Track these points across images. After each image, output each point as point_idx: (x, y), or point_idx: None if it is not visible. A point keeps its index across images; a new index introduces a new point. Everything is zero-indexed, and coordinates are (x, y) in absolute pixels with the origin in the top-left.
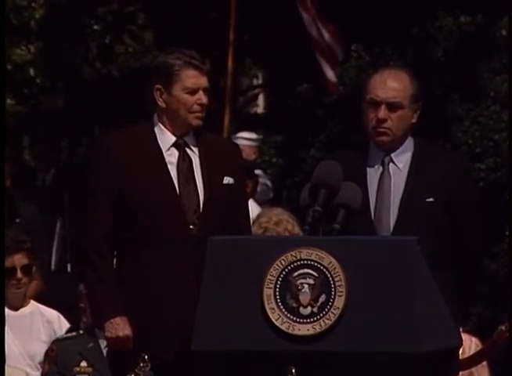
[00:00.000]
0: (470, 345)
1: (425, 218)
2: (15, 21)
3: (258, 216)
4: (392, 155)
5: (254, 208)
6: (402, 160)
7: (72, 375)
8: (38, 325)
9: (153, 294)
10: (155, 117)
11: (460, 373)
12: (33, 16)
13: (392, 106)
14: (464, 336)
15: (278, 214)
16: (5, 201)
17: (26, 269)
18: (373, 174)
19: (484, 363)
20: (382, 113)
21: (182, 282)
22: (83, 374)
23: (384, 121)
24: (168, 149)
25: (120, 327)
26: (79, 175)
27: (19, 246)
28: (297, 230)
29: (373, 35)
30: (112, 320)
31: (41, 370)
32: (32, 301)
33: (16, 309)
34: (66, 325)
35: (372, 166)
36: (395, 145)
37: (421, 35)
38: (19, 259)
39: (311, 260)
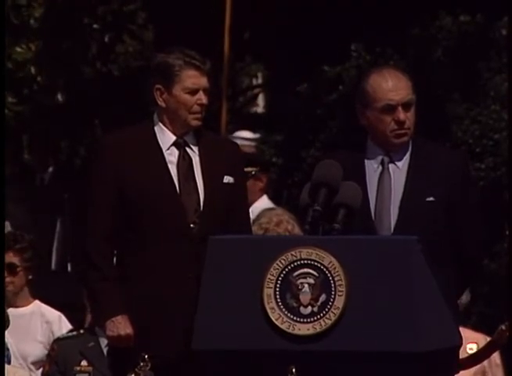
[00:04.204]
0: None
1: (425, 218)
2: (14, 20)
3: (258, 217)
4: (391, 154)
5: (266, 205)
6: (401, 159)
7: (72, 374)
8: (37, 325)
9: (153, 293)
10: (155, 117)
11: (473, 371)
12: (32, 15)
13: (407, 105)
14: (477, 335)
15: (278, 214)
16: (4, 202)
17: (10, 268)
18: (372, 173)
19: (499, 361)
20: (402, 115)
21: (183, 281)
22: (83, 373)
23: (404, 122)
24: (168, 148)
25: (121, 325)
26: (79, 174)
27: (7, 245)
28: (297, 231)
29: (373, 35)
30: (113, 319)
31: (34, 370)
32: (36, 301)
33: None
34: (67, 326)
35: (371, 166)
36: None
37: (421, 35)
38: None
39: (311, 260)
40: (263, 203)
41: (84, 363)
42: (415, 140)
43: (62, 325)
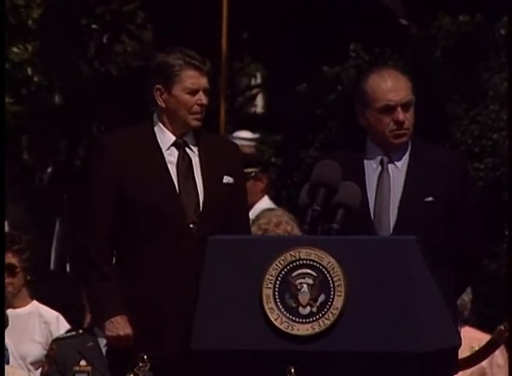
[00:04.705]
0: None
1: (425, 218)
2: (13, 20)
3: (258, 217)
4: (391, 155)
5: (268, 206)
6: (400, 159)
7: (72, 374)
8: (35, 326)
9: (153, 293)
10: (155, 117)
11: (469, 372)
12: (30, 15)
13: (406, 106)
14: (481, 335)
15: (278, 215)
16: (4, 202)
17: (10, 269)
18: (371, 173)
19: (501, 362)
20: (401, 115)
21: (182, 281)
22: (82, 373)
23: (404, 122)
24: (168, 148)
25: (120, 325)
26: (78, 174)
27: (5, 246)
28: (296, 232)
29: (372, 35)
30: (112, 319)
31: (33, 370)
32: (34, 302)
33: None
34: (65, 326)
35: (370, 166)
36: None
37: (420, 35)
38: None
39: (310, 260)
40: (264, 203)
41: (83, 362)
42: (414, 140)
43: (60, 325)
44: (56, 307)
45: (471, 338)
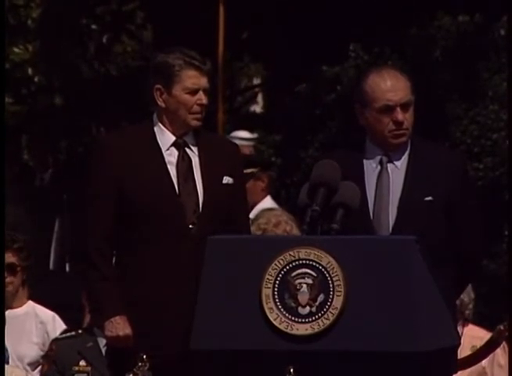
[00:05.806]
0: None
1: (424, 217)
2: (12, 20)
3: (257, 217)
4: (390, 154)
5: (270, 206)
6: (399, 159)
7: (71, 374)
8: (31, 326)
9: (152, 293)
10: (154, 117)
11: (468, 372)
12: (30, 15)
13: (405, 106)
14: (484, 334)
15: (277, 215)
16: (4, 202)
17: (11, 269)
18: (370, 173)
19: (503, 362)
20: (400, 115)
21: (182, 281)
22: (82, 373)
23: (403, 123)
24: (168, 148)
25: (120, 326)
26: (78, 174)
27: (6, 245)
28: (295, 232)
29: (371, 35)
30: (112, 319)
31: (30, 371)
32: (29, 302)
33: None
34: (61, 326)
35: (370, 165)
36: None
37: (420, 35)
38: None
39: (309, 260)
40: (267, 203)
41: (82, 363)
42: (413, 140)
43: (56, 325)
44: (55, 307)
45: (474, 337)
